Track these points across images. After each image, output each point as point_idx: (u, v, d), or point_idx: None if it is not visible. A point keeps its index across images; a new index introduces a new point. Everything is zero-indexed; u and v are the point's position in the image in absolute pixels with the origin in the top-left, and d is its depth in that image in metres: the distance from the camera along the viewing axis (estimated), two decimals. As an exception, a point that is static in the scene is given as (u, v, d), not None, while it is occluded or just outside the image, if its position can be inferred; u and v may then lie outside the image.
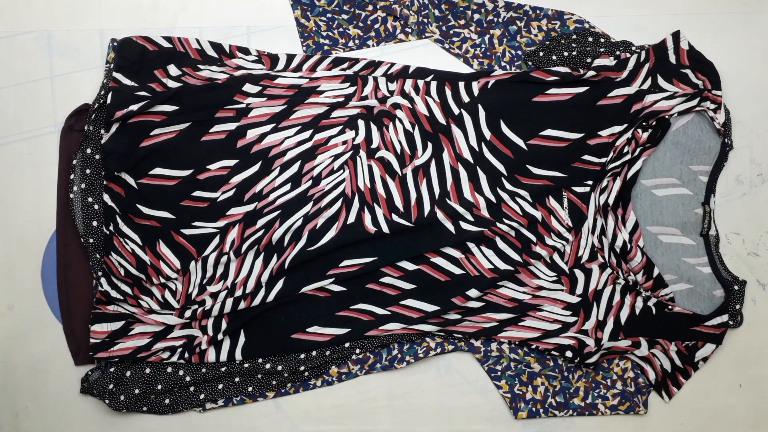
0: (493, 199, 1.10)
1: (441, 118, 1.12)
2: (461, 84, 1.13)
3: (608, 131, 1.11)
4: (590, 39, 1.13)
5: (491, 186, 1.11)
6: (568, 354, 1.10)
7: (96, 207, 1.10)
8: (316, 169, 1.11)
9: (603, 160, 1.11)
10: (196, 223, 1.09)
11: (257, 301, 1.08)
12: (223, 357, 1.09)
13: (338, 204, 1.11)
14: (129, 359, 1.08)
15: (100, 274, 1.08)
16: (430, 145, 1.12)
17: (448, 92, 1.13)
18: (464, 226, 1.10)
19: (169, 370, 1.09)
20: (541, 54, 1.14)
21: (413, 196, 1.11)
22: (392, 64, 1.14)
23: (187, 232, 1.09)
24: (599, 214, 1.11)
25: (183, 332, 1.09)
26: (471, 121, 1.12)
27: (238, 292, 1.09)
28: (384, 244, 1.10)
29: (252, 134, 1.10)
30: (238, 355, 1.09)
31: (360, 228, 1.10)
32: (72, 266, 1.11)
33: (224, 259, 1.09)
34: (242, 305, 1.08)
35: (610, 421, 1.12)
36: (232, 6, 1.15)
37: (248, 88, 1.11)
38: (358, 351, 1.11)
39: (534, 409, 1.10)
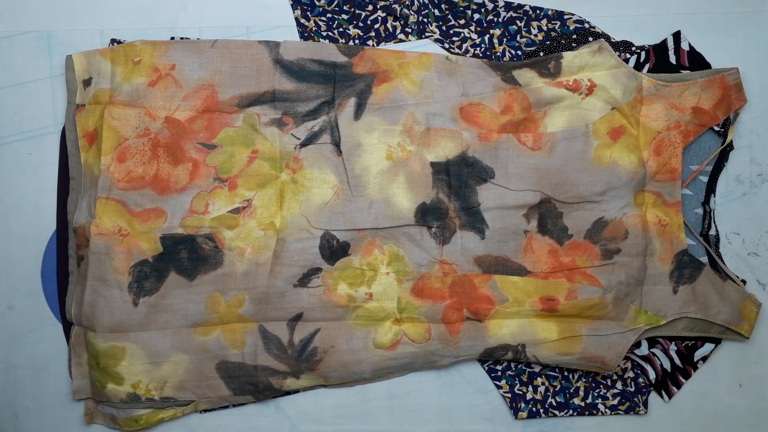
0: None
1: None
2: (461, 84, 1.12)
3: (608, 131, 1.11)
4: (590, 39, 1.13)
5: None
6: (568, 354, 1.10)
7: (96, 207, 1.09)
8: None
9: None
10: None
11: None
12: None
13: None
14: None
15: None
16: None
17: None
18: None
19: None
20: (541, 54, 1.14)
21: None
22: (392, 64, 1.13)
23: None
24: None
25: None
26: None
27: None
28: None
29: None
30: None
31: None
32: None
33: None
34: None
35: (610, 421, 1.12)
36: (232, 6, 1.15)
37: (248, 88, 1.10)
38: (358, 351, 1.11)
39: (534, 409, 1.10)
